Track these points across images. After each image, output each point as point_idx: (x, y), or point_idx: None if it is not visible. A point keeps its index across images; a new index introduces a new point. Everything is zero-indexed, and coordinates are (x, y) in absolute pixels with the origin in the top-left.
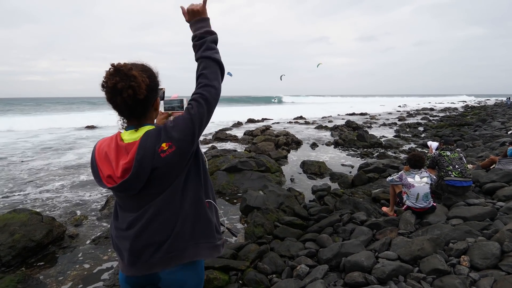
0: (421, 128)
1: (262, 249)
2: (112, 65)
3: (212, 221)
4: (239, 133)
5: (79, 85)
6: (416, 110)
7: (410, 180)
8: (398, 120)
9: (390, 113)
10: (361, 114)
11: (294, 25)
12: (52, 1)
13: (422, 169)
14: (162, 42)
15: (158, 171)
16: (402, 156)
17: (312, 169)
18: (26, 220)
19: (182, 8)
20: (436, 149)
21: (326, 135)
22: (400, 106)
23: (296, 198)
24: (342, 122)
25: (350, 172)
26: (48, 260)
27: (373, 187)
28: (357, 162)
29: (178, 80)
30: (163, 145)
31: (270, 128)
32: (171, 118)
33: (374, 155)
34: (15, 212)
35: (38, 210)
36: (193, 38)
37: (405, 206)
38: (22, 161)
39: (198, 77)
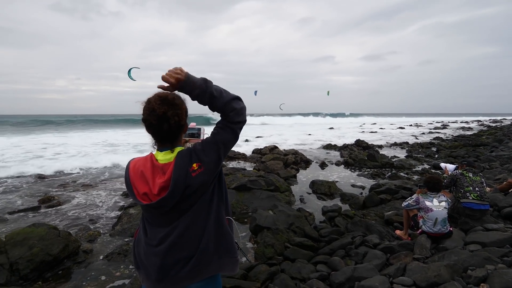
0: (434, 149)
1: (272, 270)
2: (159, 95)
3: (232, 236)
4: (247, 151)
5: (93, 103)
6: (429, 129)
7: (428, 203)
8: (410, 140)
9: (401, 132)
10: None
11: (300, 45)
12: (71, 24)
13: (440, 193)
14: (173, 62)
15: (189, 189)
16: (415, 177)
17: (322, 189)
18: (44, 235)
19: (162, 85)
20: (455, 170)
21: (335, 154)
22: (411, 125)
23: (306, 218)
24: (352, 141)
25: (361, 193)
26: (64, 274)
27: (386, 209)
28: (368, 182)
29: (186, 98)
30: (194, 165)
31: (278, 147)
32: (188, 144)
33: (386, 176)
34: (34, 226)
35: (54, 224)
36: (199, 96)
37: (420, 230)
38: (39, 176)
39: (229, 111)
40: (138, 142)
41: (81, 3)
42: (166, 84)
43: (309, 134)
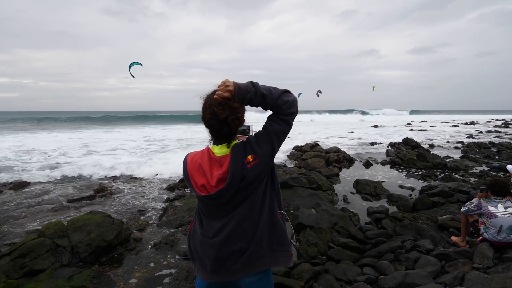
0: (494, 149)
1: (316, 269)
2: (217, 98)
3: (286, 230)
4: (287, 148)
5: (140, 100)
6: (487, 127)
7: (491, 209)
8: (466, 138)
9: (455, 131)
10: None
11: (342, 39)
12: (119, 26)
13: (506, 198)
14: (214, 59)
15: (245, 181)
16: (472, 180)
17: (367, 189)
18: (101, 222)
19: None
20: None
21: (381, 153)
22: (467, 124)
23: (350, 219)
24: (399, 139)
25: (410, 195)
26: (117, 260)
27: (439, 213)
28: (418, 184)
29: None
30: (249, 157)
31: (320, 144)
32: (238, 141)
33: (438, 177)
34: (91, 213)
35: (108, 212)
36: (252, 99)
37: (480, 238)
38: (93, 169)
39: (282, 104)
40: (180, 137)
41: (128, 5)
42: (225, 94)
43: (352, 132)
